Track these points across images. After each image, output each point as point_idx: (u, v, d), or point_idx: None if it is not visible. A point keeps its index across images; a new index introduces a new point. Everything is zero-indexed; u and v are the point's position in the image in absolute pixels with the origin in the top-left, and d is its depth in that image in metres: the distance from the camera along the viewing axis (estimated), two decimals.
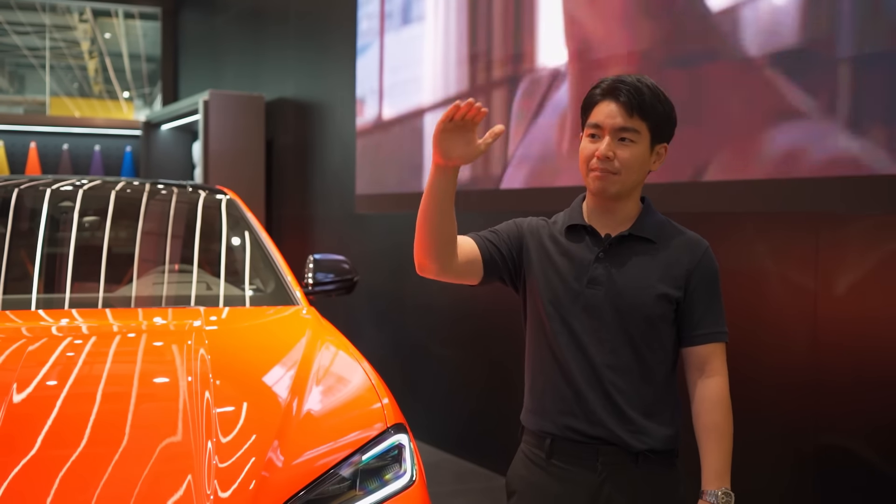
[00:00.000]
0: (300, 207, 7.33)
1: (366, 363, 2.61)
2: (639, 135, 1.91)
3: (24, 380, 2.32)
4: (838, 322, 2.99)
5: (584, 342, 1.94)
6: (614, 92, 1.91)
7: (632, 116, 1.90)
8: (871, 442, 2.90)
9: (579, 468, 1.94)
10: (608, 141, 1.91)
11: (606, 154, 1.90)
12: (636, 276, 1.94)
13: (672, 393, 2.00)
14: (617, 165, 1.90)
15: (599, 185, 1.93)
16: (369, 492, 2.09)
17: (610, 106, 1.91)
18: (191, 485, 1.94)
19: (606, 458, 1.93)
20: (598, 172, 1.92)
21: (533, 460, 2.00)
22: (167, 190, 3.81)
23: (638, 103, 1.89)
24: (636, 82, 1.91)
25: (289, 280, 3.32)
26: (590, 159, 1.93)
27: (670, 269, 1.95)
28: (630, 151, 1.91)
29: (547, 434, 1.98)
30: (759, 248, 3.25)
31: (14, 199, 3.47)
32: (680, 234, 2.00)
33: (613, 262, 1.96)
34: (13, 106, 14.17)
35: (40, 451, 2.03)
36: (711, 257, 1.99)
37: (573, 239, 2.00)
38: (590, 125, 1.94)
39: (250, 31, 8.59)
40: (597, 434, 1.93)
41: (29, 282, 3.21)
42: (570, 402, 1.95)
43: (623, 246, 1.97)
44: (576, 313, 1.95)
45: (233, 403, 2.30)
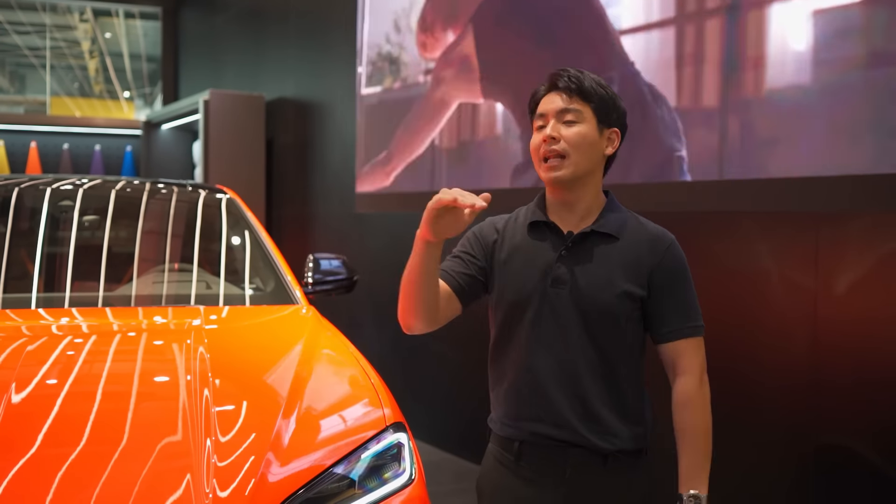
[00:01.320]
0: (300, 207, 7.33)
1: (365, 362, 2.61)
2: (581, 114, 1.93)
3: (24, 378, 2.32)
4: (838, 322, 2.99)
5: (549, 343, 1.93)
6: (553, 80, 1.96)
7: (572, 98, 1.93)
8: (871, 442, 2.90)
9: (548, 471, 1.93)
10: (552, 123, 1.93)
11: (551, 135, 1.92)
12: (599, 274, 1.92)
13: (639, 391, 1.98)
14: (563, 145, 1.91)
15: (552, 174, 1.92)
16: (368, 490, 2.09)
17: (551, 95, 1.96)
18: (189, 484, 1.94)
19: (575, 461, 1.91)
20: (547, 162, 1.92)
21: (502, 462, 2.00)
22: (167, 189, 3.81)
23: (577, 87, 1.93)
24: (577, 71, 1.96)
25: (288, 279, 3.33)
26: (538, 147, 1.95)
27: (633, 266, 1.93)
28: (574, 130, 1.92)
29: (514, 439, 1.96)
30: (758, 247, 3.25)
31: (14, 199, 3.47)
32: (643, 230, 1.98)
33: (576, 260, 1.94)
34: (14, 105, 14.17)
35: (40, 449, 2.03)
36: (676, 252, 1.97)
37: (536, 237, 1.99)
38: (536, 118, 1.98)
39: (250, 30, 8.59)
40: (564, 437, 1.91)
41: (29, 281, 3.21)
42: (537, 407, 1.93)
43: (586, 243, 1.95)
44: (541, 314, 1.94)
45: (232, 402, 2.30)
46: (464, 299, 2.00)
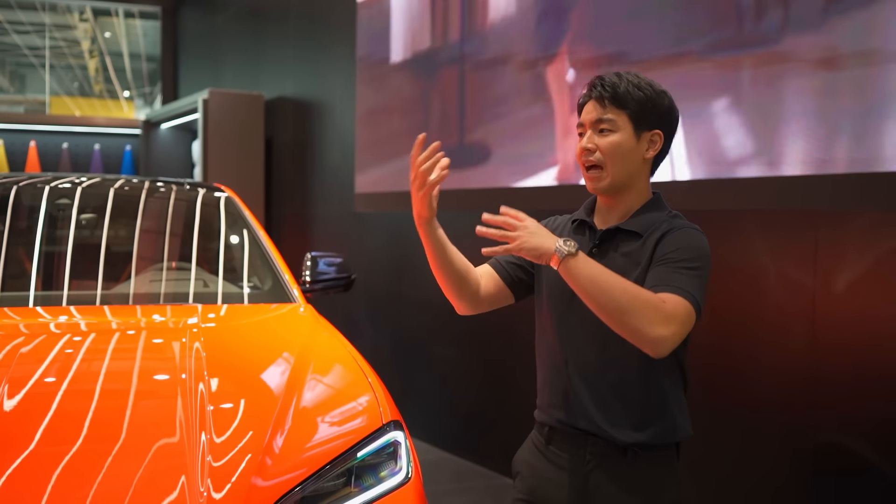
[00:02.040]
0: (299, 206, 7.33)
1: (362, 361, 2.61)
2: (615, 123, 1.95)
3: (21, 377, 2.32)
4: (837, 320, 2.99)
5: (575, 336, 1.97)
6: (590, 90, 1.99)
7: (606, 107, 1.95)
8: (869, 439, 2.90)
9: (571, 456, 1.99)
10: (589, 134, 1.97)
11: (586, 146, 1.96)
12: (621, 270, 1.91)
13: (666, 387, 1.96)
14: (599, 156, 1.95)
15: (591, 184, 1.99)
16: (364, 489, 2.09)
17: (590, 103, 1.99)
18: (184, 484, 1.94)
19: (595, 449, 1.95)
20: (587, 172, 1.98)
21: (536, 445, 2.08)
22: (166, 188, 3.81)
23: (611, 94, 1.94)
24: (614, 76, 1.98)
25: (286, 278, 3.33)
26: (579, 156, 2.00)
27: (645, 257, 1.92)
28: (608, 140, 1.94)
29: (545, 424, 2.04)
30: (757, 245, 3.25)
31: (12, 197, 3.47)
32: (667, 226, 1.94)
33: (605, 256, 1.97)
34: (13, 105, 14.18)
35: (37, 447, 2.03)
36: (688, 233, 1.90)
37: (577, 235, 2.05)
38: (578, 125, 2.02)
39: (250, 30, 8.59)
40: (584, 427, 1.96)
41: (27, 279, 3.21)
42: (562, 396, 2.00)
43: (614, 241, 1.98)
44: (571, 309, 1.97)
45: (228, 400, 2.30)
46: (515, 290, 2.10)
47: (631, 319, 1.76)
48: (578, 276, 1.79)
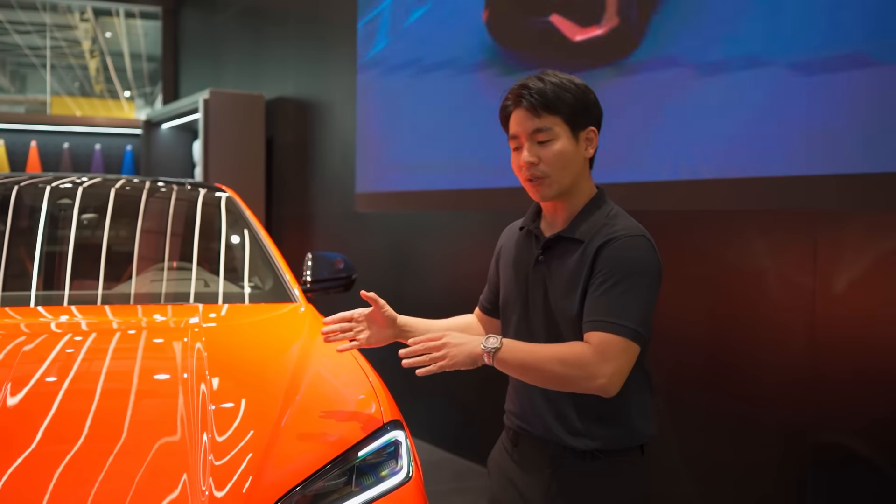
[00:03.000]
0: (300, 206, 7.33)
1: (363, 360, 2.62)
2: (553, 131, 1.90)
3: (22, 376, 2.32)
4: (836, 320, 2.99)
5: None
6: (518, 98, 1.93)
7: (540, 116, 1.90)
8: (868, 439, 2.90)
9: (533, 461, 2.01)
10: (527, 147, 1.92)
11: (530, 160, 1.91)
12: (561, 278, 1.92)
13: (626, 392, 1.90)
14: (543, 168, 1.91)
15: (538, 193, 1.95)
16: (365, 488, 2.09)
17: (519, 113, 1.93)
18: (186, 483, 1.94)
19: (555, 453, 1.96)
20: (530, 182, 1.94)
21: (505, 447, 2.13)
22: (166, 187, 3.82)
23: (541, 102, 1.89)
24: (538, 81, 1.92)
25: (287, 277, 3.33)
26: (519, 171, 1.96)
27: (586, 265, 1.89)
28: (551, 150, 1.91)
29: (510, 428, 2.11)
30: (757, 246, 3.25)
31: (14, 197, 3.48)
32: (611, 227, 1.90)
33: (548, 265, 1.97)
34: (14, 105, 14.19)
35: (38, 446, 2.03)
36: (629, 244, 1.86)
37: (524, 243, 2.05)
38: (510, 138, 1.97)
39: (251, 30, 8.60)
40: (540, 435, 1.98)
41: (28, 278, 3.21)
42: (520, 403, 2.04)
43: (557, 248, 1.96)
44: (523, 317, 2.00)
45: (229, 400, 2.30)
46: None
47: (570, 384, 1.84)
48: (510, 366, 1.88)
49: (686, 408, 3.52)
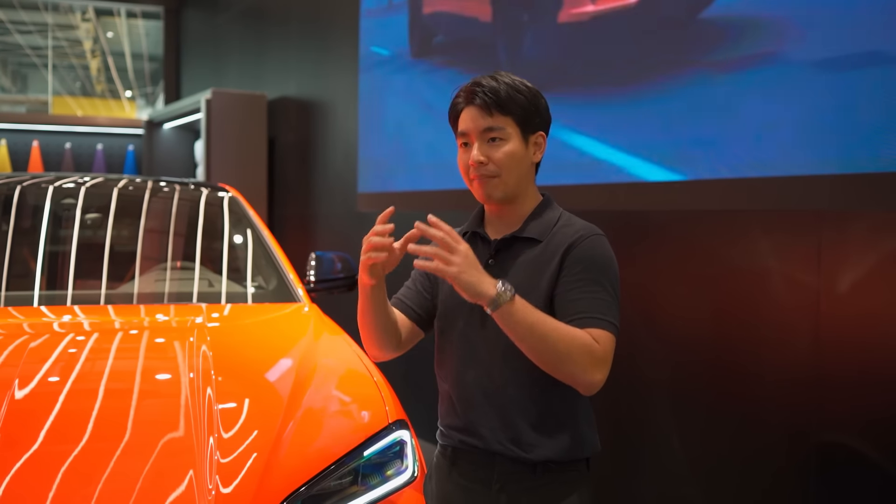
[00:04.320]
0: (302, 206, 7.33)
1: (368, 360, 2.61)
2: (505, 130, 1.88)
3: (26, 376, 2.32)
4: (841, 319, 2.98)
5: (476, 354, 1.90)
6: (471, 95, 1.90)
7: (493, 115, 1.87)
8: (873, 439, 2.90)
9: (477, 479, 1.90)
10: (477, 145, 1.88)
11: (479, 159, 1.87)
12: (520, 278, 1.87)
13: (575, 399, 1.90)
14: (493, 168, 1.87)
15: (483, 192, 1.90)
16: (370, 487, 2.09)
17: (471, 110, 1.90)
18: (192, 480, 1.94)
19: (502, 468, 1.87)
20: (477, 181, 1.89)
21: (440, 469, 2.00)
22: (169, 187, 3.81)
23: (494, 101, 1.86)
24: (492, 81, 1.89)
25: (290, 277, 3.33)
26: (467, 169, 1.91)
27: (551, 264, 1.86)
28: (501, 150, 1.87)
29: (448, 446, 1.97)
30: (761, 245, 3.25)
31: (17, 197, 3.47)
32: (569, 228, 1.90)
33: (502, 268, 1.90)
34: (16, 105, 14.19)
35: (42, 446, 2.03)
36: (595, 244, 1.86)
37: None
38: (459, 135, 1.93)
39: (253, 29, 8.60)
40: (489, 447, 1.88)
41: (31, 278, 3.21)
42: (464, 418, 1.91)
43: (511, 250, 1.92)
44: (469, 324, 1.91)
45: (234, 400, 2.30)
46: (423, 325, 2.03)
47: (568, 366, 1.75)
48: (518, 323, 1.72)
49: (689, 407, 3.51)
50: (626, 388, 3.66)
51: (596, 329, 1.78)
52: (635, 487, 3.65)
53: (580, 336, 1.75)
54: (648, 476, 3.60)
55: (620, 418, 3.69)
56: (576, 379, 1.76)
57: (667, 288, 3.59)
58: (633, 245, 3.67)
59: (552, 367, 1.76)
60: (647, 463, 3.60)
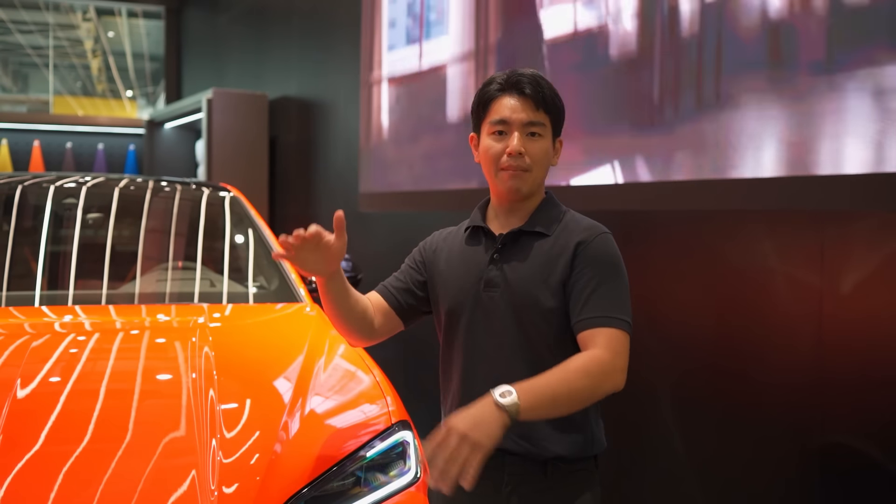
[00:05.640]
0: (304, 206, 7.33)
1: (370, 360, 2.61)
2: (545, 128, 1.87)
3: (27, 376, 2.32)
4: (844, 320, 2.98)
5: (484, 348, 1.88)
6: (517, 85, 1.86)
7: (537, 110, 1.86)
8: (877, 440, 2.89)
9: (486, 480, 1.82)
10: (518, 136, 1.85)
11: (520, 150, 1.85)
12: (529, 271, 1.86)
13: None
14: (528, 161, 1.86)
15: (512, 184, 1.87)
16: (373, 488, 2.08)
17: (513, 100, 1.86)
18: (195, 480, 1.94)
19: (513, 469, 1.86)
20: (511, 171, 1.86)
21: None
22: (171, 187, 3.81)
23: (542, 96, 1.86)
24: (535, 75, 1.88)
25: (292, 277, 3.32)
26: (499, 157, 1.87)
27: (562, 259, 1.86)
28: (539, 146, 1.87)
29: None
30: (763, 246, 3.24)
31: (17, 196, 3.47)
32: (576, 224, 1.91)
33: (508, 261, 1.89)
34: (17, 104, 14.20)
35: (43, 446, 2.02)
36: (605, 242, 1.87)
37: (471, 242, 1.97)
38: (494, 122, 1.87)
39: (254, 29, 8.59)
40: (501, 445, 1.77)
41: (32, 278, 3.20)
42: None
43: (517, 244, 1.90)
44: (476, 319, 1.89)
45: (237, 400, 2.29)
46: (404, 316, 2.00)
47: (598, 394, 1.76)
48: (539, 409, 1.66)
49: (690, 408, 3.51)
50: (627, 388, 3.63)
51: (609, 329, 1.79)
52: (637, 488, 3.65)
53: (586, 363, 1.74)
54: (649, 477, 3.59)
55: (621, 419, 3.68)
56: (607, 393, 1.79)
57: (668, 288, 3.58)
58: (633, 245, 3.66)
59: (591, 402, 1.79)
60: (648, 463, 3.60)
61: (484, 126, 1.91)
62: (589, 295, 1.82)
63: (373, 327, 1.95)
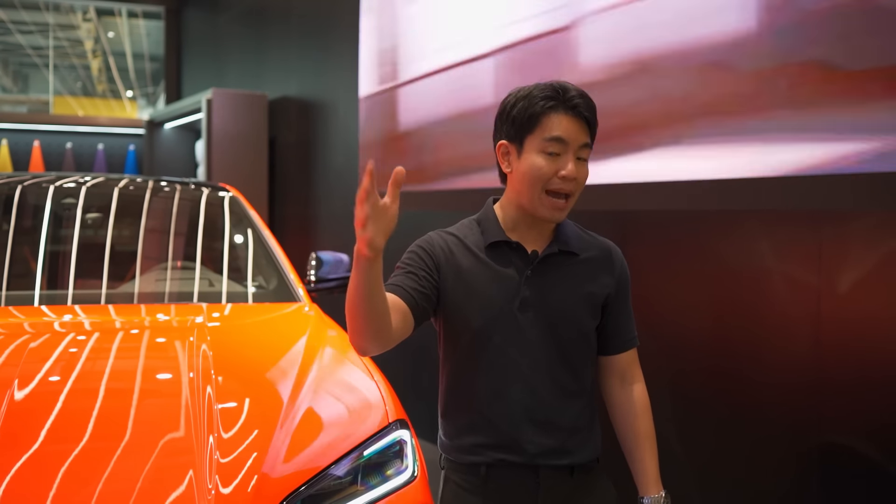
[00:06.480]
0: (303, 206, 7.33)
1: (368, 360, 2.61)
2: (589, 151, 1.82)
3: (26, 375, 2.32)
4: (841, 320, 2.98)
5: (517, 368, 1.83)
6: (572, 103, 1.77)
7: (589, 135, 1.80)
8: (874, 441, 2.89)
9: (517, 488, 1.86)
10: (573, 159, 1.78)
11: (575, 175, 1.77)
12: (567, 291, 1.86)
13: (592, 401, 1.96)
14: (574, 187, 1.79)
15: (554, 215, 1.81)
16: (370, 487, 2.09)
17: (568, 119, 1.77)
18: (192, 480, 1.94)
19: (545, 473, 1.86)
20: (558, 199, 1.79)
21: (467, 489, 1.88)
22: (170, 187, 3.81)
23: (592, 118, 1.79)
24: (585, 94, 1.80)
25: (291, 277, 3.32)
26: (548, 179, 1.78)
27: (596, 279, 1.89)
28: (585, 171, 1.81)
29: (481, 464, 1.85)
30: (761, 245, 3.24)
31: (17, 196, 3.48)
32: (594, 241, 1.94)
33: (543, 280, 1.85)
34: (17, 105, 14.20)
35: (42, 446, 2.03)
36: (625, 264, 1.98)
37: (497, 257, 1.85)
38: (551, 139, 1.77)
39: (253, 29, 8.60)
40: (533, 462, 1.85)
41: (32, 278, 3.21)
42: (505, 435, 1.83)
43: (548, 262, 1.86)
44: (509, 339, 1.83)
45: (234, 399, 2.30)
46: (417, 318, 1.80)
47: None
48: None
49: (689, 409, 3.51)
50: None
51: (632, 352, 2.00)
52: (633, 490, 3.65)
53: (644, 405, 2.03)
54: None
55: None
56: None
57: (665, 289, 3.58)
58: (631, 245, 3.66)
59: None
60: None
61: (531, 141, 1.79)
62: (623, 316, 1.97)
63: (391, 332, 1.71)
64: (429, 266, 1.85)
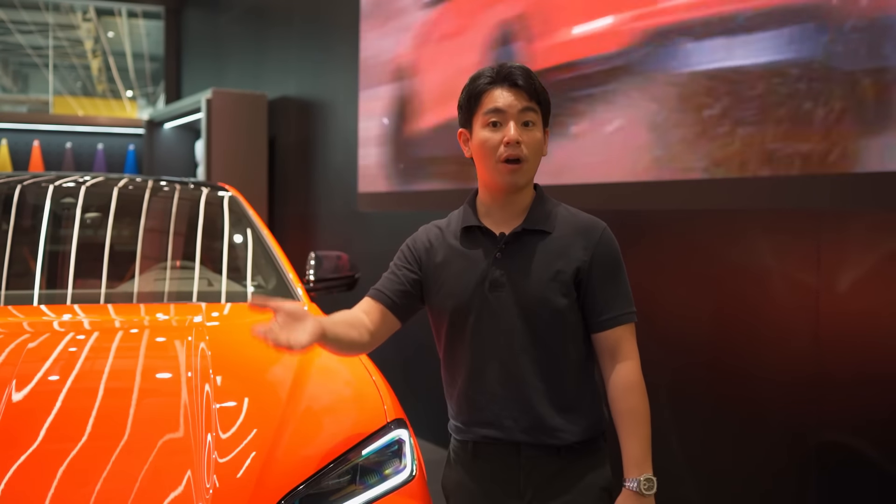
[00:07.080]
0: (303, 205, 7.34)
1: (367, 359, 2.61)
2: (538, 117, 1.91)
3: (25, 375, 2.33)
4: (840, 319, 2.98)
5: (492, 347, 1.92)
6: (509, 77, 1.89)
7: (530, 99, 1.88)
8: (872, 439, 2.90)
9: (503, 469, 1.94)
10: (513, 126, 1.87)
11: (518, 138, 1.86)
12: (536, 270, 1.90)
13: (589, 381, 1.98)
14: (524, 151, 1.87)
15: (510, 178, 1.89)
16: (369, 486, 2.09)
17: (506, 91, 1.88)
18: (190, 479, 1.95)
19: (529, 453, 1.92)
20: (509, 164, 1.87)
21: (461, 463, 2.01)
22: (169, 186, 3.81)
23: (533, 87, 1.89)
24: (525, 67, 1.91)
25: (290, 277, 3.33)
26: (496, 148, 1.88)
27: (568, 256, 1.91)
28: (533, 135, 1.89)
29: (468, 441, 1.98)
30: (760, 245, 3.25)
31: (17, 195, 3.48)
32: (574, 220, 1.96)
33: (512, 260, 1.91)
34: (17, 105, 14.21)
35: (41, 445, 2.03)
36: (610, 238, 1.95)
37: (468, 242, 1.96)
38: (489, 112, 1.89)
39: (253, 29, 8.60)
40: (514, 439, 1.91)
41: (31, 277, 3.21)
42: (486, 412, 1.93)
43: (519, 242, 1.93)
44: (482, 319, 1.92)
45: (233, 399, 2.30)
46: (401, 315, 2.01)
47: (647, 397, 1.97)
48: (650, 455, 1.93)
49: (689, 408, 3.52)
50: None
51: (626, 325, 1.93)
52: None
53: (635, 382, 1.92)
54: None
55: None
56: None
57: (665, 287, 3.59)
58: (630, 244, 3.67)
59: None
60: None
61: (476, 119, 1.91)
62: (605, 293, 1.92)
63: (370, 338, 1.96)
64: (410, 262, 2.02)
